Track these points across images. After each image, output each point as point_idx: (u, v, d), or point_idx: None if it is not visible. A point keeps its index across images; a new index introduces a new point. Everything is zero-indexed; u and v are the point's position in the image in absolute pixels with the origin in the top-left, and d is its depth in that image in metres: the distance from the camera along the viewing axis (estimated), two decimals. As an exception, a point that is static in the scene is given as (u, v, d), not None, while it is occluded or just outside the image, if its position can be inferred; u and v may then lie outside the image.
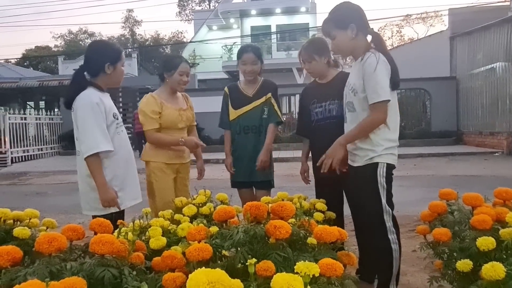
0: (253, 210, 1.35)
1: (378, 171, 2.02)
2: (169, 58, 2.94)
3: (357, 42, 2.07)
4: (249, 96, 2.88)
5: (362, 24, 2.06)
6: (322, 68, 2.56)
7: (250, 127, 2.86)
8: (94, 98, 2.14)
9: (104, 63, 2.20)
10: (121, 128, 2.30)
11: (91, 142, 2.10)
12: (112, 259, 1.25)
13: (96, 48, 2.33)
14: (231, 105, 2.92)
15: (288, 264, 1.21)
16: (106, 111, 2.17)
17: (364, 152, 2.05)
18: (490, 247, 1.44)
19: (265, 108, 2.85)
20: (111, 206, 2.14)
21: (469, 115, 12.85)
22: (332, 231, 1.32)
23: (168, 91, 2.80)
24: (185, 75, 2.76)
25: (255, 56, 2.81)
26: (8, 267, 1.27)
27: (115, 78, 2.29)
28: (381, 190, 2.02)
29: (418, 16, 30.29)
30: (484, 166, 8.66)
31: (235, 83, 3.03)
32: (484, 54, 11.89)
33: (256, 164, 2.80)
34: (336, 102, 2.49)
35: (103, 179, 2.12)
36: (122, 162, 2.25)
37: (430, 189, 5.71)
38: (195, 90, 15.26)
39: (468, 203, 1.82)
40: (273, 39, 23.37)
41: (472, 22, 12.29)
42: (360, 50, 2.07)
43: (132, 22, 39.49)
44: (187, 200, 2.35)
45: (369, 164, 2.04)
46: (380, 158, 2.02)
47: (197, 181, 2.96)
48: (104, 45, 2.43)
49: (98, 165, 2.12)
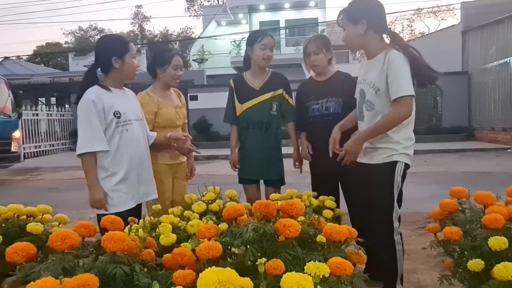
0: (263, 209, 1.35)
1: (397, 169, 2.00)
2: (160, 52, 2.72)
3: (367, 39, 2.03)
4: (255, 89, 2.71)
5: (375, 22, 2.01)
6: (325, 63, 2.57)
7: (257, 122, 2.70)
8: (90, 96, 2.09)
9: (111, 58, 2.14)
10: (126, 127, 2.18)
11: (82, 141, 2.09)
12: (123, 256, 1.27)
13: (102, 43, 2.26)
14: (237, 99, 2.76)
15: (298, 262, 1.21)
16: (105, 109, 2.10)
17: (383, 150, 2.02)
18: (503, 247, 1.42)
19: (274, 104, 2.70)
20: (98, 208, 2.09)
21: (481, 110, 12.65)
22: (341, 229, 1.32)
23: (162, 87, 2.64)
24: (179, 69, 2.61)
25: (274, 42, 2.67)
26: (23, 263, 1.30)
27: (126, 72, 2.21)
28: (395, 189, 2.00)
29: (430, 10, 29.85)
30: (496, 162, 8.53)
31: (240, 75, 2.85)
32: (497, 48, 11.67)
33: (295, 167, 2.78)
34: (334, 100, 2.53)
35: (95, 179, 2.09)
36: (126, 162, 2.16)
37: (440, 186, 5.66)
38: (204, 86, 15.29)
39: (479, 201, 1.80)
40: (282, 34, 23.25)
41: (485, 16, 12.06)
42: (374, 48, 2.04)
43: (141, 18, 39.67)
44: (197, 197, 2.37)
45: (388, 163, 2.00)
46: (399, 157, 2.00)
47: (204, 177, 2.95)
48: (110, 39, 2.36)
49: (90, 164, 2.09)
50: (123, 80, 2.27)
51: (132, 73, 2.25)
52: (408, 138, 2.03)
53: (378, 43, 2.03)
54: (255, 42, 2.63)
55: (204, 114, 13.89)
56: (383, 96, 1.99)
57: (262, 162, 2.74)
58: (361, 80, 2.15)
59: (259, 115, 2.70)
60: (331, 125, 2.40)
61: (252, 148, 2.74)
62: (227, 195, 2.36)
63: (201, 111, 13.89)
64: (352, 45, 2.13)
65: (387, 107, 1.99)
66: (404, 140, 2.01)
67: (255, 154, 2.75)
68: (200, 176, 2.99)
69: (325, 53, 2.54)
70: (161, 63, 2.59)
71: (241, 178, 2.85)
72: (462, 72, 13.49)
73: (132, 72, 2.25)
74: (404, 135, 2.01)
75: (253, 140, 2.73)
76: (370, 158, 2.09)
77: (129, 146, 2.18)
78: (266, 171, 2.75)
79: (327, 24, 21.45)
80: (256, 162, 2.75)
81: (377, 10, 2.03)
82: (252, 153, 2.75)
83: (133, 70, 2.24)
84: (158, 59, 2.62)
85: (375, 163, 2.05)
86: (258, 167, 2.75)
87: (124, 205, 2.15)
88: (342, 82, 2.57)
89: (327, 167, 2.44)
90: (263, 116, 2.70)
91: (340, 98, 2.53)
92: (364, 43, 2.06)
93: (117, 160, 2.14)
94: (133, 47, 2.23)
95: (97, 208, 2.10)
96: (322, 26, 21.85)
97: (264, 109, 2.70)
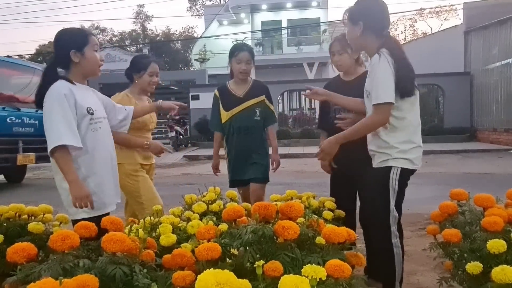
0: (262, 210, 1.36)
1: (391, 174, 1.98)
2: (137, 59, 2.82)
3: (364, 41, 2.02)
4: (239, 97, 2.91)
5: (373, 25, 1.98)
6: (351, 63, 2.53)
7: (242, 128, 2.89)
8: (62, 90, 1.91)
9: (69, 51, 1.97)
10: (99, 124, 2.05)
11: (54, 136, 1.88)
12: (123, 256, 1.28)
13: (59, 36, 2.05)
14: (222, 107, 2.94)
15: (296, 264, 1.22)
16: (77, 105, 1.94)
17: (379, 155, 2.03)
18: (501, 250, 1.42)
19: (257, 110, 2.89)
20: (84, 206, 1.89)
21: (483, 111, 12.62)
22: (340, 232, 1.32)
23: (137, 92, 2.76)
24: (154, 75, 2.73)
25: (250, 56, 2.84)
26: (24, 263, 1.31)
27: (88, 66, 2.03)
28: (391, 193, 1.98)
29: (432, 10, 29.76)
30: (498, 163, 8.51)
31: (224, 85, 3.02)
32: (499, 49, 11.63)
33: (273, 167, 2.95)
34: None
35: (74, 174, 1.89)
36: (97, 163, 2.01)
37: (442, 187, 5.65)
38: (205, 86, 15.31)
39: (479, 204, 1.80)
40: (284, 34, 23.25)
41: (488, 16, 12.02)
42: (371, 50, 2.02)
43: (143, 18, 39.68)
44: (197, 197, 2.38)
45: (383, 168, 2.00)
46: (394, 161, 1.97)
47: (205, 177, 3.00)
48: (67, 31, 2.10)
49: (67, 159, 1.88)
50: (85, 76, 2.09)
51: (94, 68, 2.06)
52: (405, 141, 1.98)
53: (374, 45, 1.99)
54: (233, 56, 2.85)
55: (206, 113, 13.89)
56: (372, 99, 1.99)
57: (250, 164, 2.91)
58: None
59: (244, 121, 2.89)
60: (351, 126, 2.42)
61: (238, 152, 2.92)
62: (227, 196, 2.37)
63: (202, 111, 13.90)
64: (352, 44, 2.15)
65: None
66: (400, 143, 1.97)
67: (241, 157, 2.92)
68: (201, 176, 3.04)
69: (351, 52, 2.48)
70: (138, 69, 2.71)
71: (232, 181, 3.00)
72: (465, 72, 13.45)
73: (94, 67, 2.06)
74: (400, 138, 1.97)
75: (239, 144, 2.90)
76: (371, 162, 2.10)
77: (101, 144, 2.06)
78: (254, 171, 2.91)
79: (329, 24, 21.43)
80: (245, 164, 2.92)
81: (377, 12, 2.00)
82: (238, 157, 2.93)
83: (95, 64, 2.06)
84: (134, 66, 2.74)
85: (373, 167, 2.07)
86: (246, 168, 2.92)
87: (104, 209, 2.02)
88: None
89: (346, 169, 2.45)
90: (248, 122, 2.89)
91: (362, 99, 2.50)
92: (361, 45, 2.07)
93: (93, 159, 2.00)
94: (94, 40, 2.06)
95: (82, 207, 1.90)
96: (324, 26, 21.84)
97: (249, 115, 2.89)
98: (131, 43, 37.30)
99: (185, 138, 13.75)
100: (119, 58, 26.59)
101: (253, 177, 2.92)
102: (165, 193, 3.27)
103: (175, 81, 15.94)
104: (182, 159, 11.39)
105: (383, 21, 2.02)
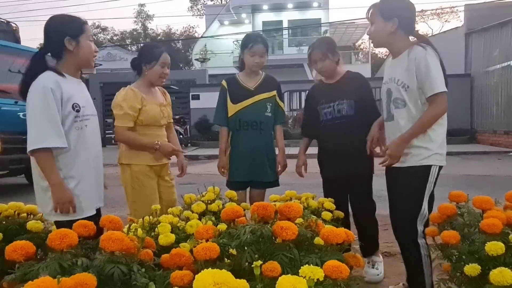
0: (261, 211, 1.36)
1: (431, 172, 1.95)
2: (148, 48, 2.59)
3: (395, 38, 2.01)
4: (250, 89, 2.66)
5: (406, 22, 1.99)
6: (333, 67, 2.52)
7: (250, 123, 2.63)
8: (48, 83, 1.78)
9: (64, 38, 1.84)
10: (85, 122, 1.92)
11: (37, 135, 1.76)
12: (121, 255, 1.28)
13: (52, 22, 1.90)
14: (230, 99, 2.68)
15: (294, 264, 1.22)
16: (63, 99, 1.81)
17: (418, 151, 1.96)
18: (499, 252, 1.43)
19: (268, 105, 2.66)
20: (66, 211, 1.79)
21: (484, 113, 12.62)
22: (339, 232, 1.32)
23: (146, 84, 2.50)
24: (166, 66, 2.49)
25: (264, 48, 2.62)
26: (22, 261, 1.31)
27: (82, 55, 1.91)
28: (426, 193, 1.95)
29: (433, 12, 29.77)
30: (497, 165, 8.51)
31: (233, 76, 2.78)
32: (500, 51, 11.64)
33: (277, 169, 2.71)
34: (345, 102, 2.46)
35: (57, 177, 1.79)
36: (79, 163, 1.88)
37: (442, 188, 5.60)
38: (206, 85, 15.32)
39: (478, 206, 1.80)
40: (285, 34, 23.27)
41: (489, 19, 12.02)
42: (400, 47, 2.02)
43: (144, 17, 39.72)
44: (197, 197, 2.38)
45: (422, 166, 1.95)
46: (435, 158, 1.96)
47: (205, 177, 2.95)
48: (62, 18, 1.94)
49: (49, 160, 1.78)
50: (79, 66, 1.97)
51: (89, 58, 1.94)
52: (443, 134, 2.01)
53: (404, 43, 2.01)
54: (246, 48, 2.61)
55: (206, 113, 13.91)
56: (413, 92, 1.96)
57: (255, 165, 2.65)
58: (387, 80, 2.10)
59: (253, 115, 2.64)
60: (343, 128, 2.40)
61: (244, 150, 2.65)
62: (226, 196, 2.37)
63: (203, 111, 13.92)
64: (378, 40, 2.08)
65: (422, 103, 1.96)
66: (439, 136, 1.98)
67: (247, 156, 2.65)
68: (201, 176, 3.01)
69: (332, 57, 2.47)
70: (149, 60, 2.46)
71: (230, 182, 2.70)
72: (465, 74, 13.47)
73: (89, 57, 1.94)
74: (440, 131, 1.99)
75: (246, 142, 2.64)
76: (403, 161, 2.01)
77: (86, 144, 1.92)
78: (258, 173, 2.66)
79: (330, 25, 21.45)
80: (249, 165, 2.65)
81: (410, 11, 2.02)
82: (244, 155, 2.65)
83: (90, 54, 1.93)
84: (145, 55, 2.49)
85: (408, 166, 1.98)
86: (250, 169, 2.65)
87: (87, 211, 1.90)
88: (353, 83, 2.52)
89: (339, 171, 2.45)
90: (258, 117, 2.64)
91: (351, 99, 2.46)
92: (391, 41, 2.04)
93: (74, 159, 1.87)
94: (89, 29, 1.95)
95: (64, 212, 1.79)
96: (325, 27, 21.85)
97: (259, 109, 2.65)
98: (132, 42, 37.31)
99: (185, 138, 13.75)
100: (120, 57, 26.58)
101: (255, 181, 2.68)
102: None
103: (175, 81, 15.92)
104: (182, 159, 11.36)
105: (414, 21, 2.04)
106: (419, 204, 1.94)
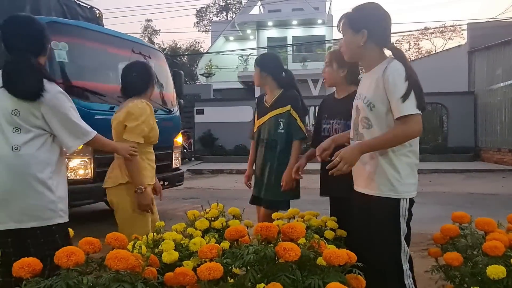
0: (264, 231, 1.38)
1: (402, 203, 1.72)
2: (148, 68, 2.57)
3: (365, 51, 1.80)
4: (267, 106, 2.76)
5: (377, 34, 1.77)
6: (336, 78, 2.42)
7: (264, 140, 2.72)
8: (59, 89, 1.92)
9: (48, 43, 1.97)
10: None
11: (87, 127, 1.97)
12: (126, 274, 1.30)
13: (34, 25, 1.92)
14: (256, 115, 2.85)
15: (297, 286, 1.23)
16: None
17: (384, 178, 1.73)
18: (501, 276, 1.43)
19: (281, 121, 2.65)
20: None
21: (488, 131, 12.61)
22: (341, 254, 1.33)
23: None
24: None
25: (257, 66, 2.78)
26: (29, 278, 1.33)
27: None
28: (402, 226, 1.72)
29: (436, 30, 30.03)
30: (502, 184, 8.46)
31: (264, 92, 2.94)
32: (503, 69, 11.71)
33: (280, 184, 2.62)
34: (342, 122, 2.37)
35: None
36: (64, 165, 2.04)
37: (445, 207, 5.61)
38: (210, 100, 15.44)
39: (480, 228, 1.81)
40: (289, 50, 23.53)
41: (491, 37, 12.14)
42: (371, 60, 1.81)
43: (151, 32, 40.35)
44: (200, 213, 2.39)
45: (391, 198, 1.72)
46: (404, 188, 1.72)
47: (209, 192, 2.97)
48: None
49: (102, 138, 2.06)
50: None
51: None
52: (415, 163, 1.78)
53: (376, 56, 1.80)
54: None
55: (210, 128, 14.00)
56: (379, 113, 1.73)
57: (263, 182, 2.74)
58: (357, 96, 1.90)
59: (266, 133, 2.73)
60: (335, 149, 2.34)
61: (257, 166, 2.79)
62: (229, 213, 2.37)
63: (207, 125, 14.01)
64: (348, 54, 1.88)
65: (387, 125, 1.72)
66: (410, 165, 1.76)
67: (258, 173, 2.80)
68: (205, 190, 3.03)
69: (336, 68, 2.38)
70: (150, 79, 2.51)
71: (252, 196, 2.87)
72: (469, 92, 13.51)
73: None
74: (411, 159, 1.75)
75: (259, 158, 2.77)
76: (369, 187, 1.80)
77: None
78: (266, 190, 2.73)
79: (334, 42, 21.67)
80: (259, 181, 2.78)
81: (381, 21, 1.79)
82: (258, 171, 2.79)
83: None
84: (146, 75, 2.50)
85: (376, 195, 1.76)
86: (259, 185, 2.79)
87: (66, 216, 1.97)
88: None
89: (336, 191, 2.37)
90: (270, 135, 2.71)
91: (349, 120, 2.24)
92: (361, 54, 1.84)
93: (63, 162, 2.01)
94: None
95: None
96: (329, 44, 22.10)
97: (271, 126, 2.70)
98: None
99: (189, 152, 13.80)
100: (126, 71, 26.84)
101: (264, 199, 2.74)
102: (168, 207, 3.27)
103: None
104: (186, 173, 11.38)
105: (388, 31, 1.82)
106: (397, 238, 1.72)
